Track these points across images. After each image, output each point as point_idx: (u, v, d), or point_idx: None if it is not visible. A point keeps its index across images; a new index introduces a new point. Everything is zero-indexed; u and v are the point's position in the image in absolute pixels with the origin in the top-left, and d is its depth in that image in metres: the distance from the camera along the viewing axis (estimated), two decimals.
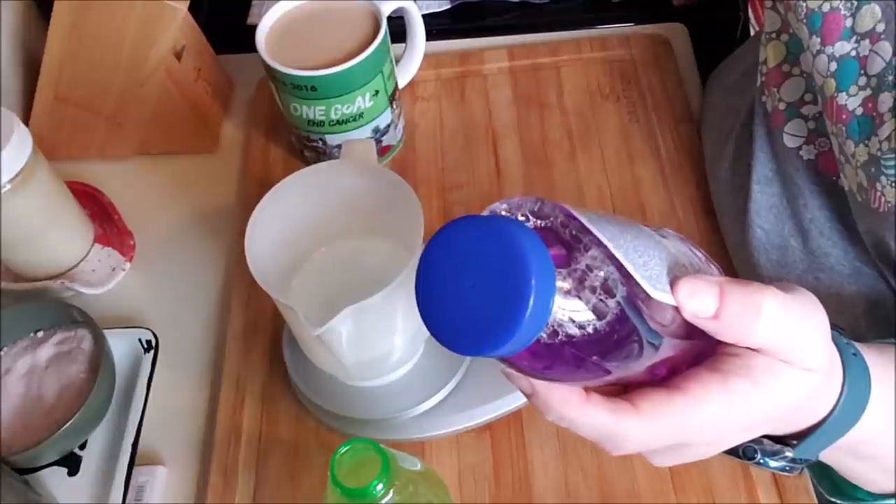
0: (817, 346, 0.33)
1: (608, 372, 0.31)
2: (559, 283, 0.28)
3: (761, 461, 0.38)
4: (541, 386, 0.33)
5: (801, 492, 0.52)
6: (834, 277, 0.54)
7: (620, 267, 0.30)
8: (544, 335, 0.29)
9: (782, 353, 0.33)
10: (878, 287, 0.53)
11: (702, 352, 0.34)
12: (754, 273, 0.58)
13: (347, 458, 0.41)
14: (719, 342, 0.33)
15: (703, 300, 0.31)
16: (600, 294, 0.30)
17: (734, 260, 0.62)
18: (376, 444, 0.41)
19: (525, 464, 0.55)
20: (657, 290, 0.30)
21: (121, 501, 0.54)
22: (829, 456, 0.38)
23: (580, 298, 0.29)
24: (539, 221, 0.31)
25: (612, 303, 0.30)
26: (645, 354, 0.31)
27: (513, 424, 0.56)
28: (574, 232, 0.30)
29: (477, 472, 0.55)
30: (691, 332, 0.33)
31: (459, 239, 0.29)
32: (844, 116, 0.46)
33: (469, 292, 0.28)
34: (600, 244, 0.30)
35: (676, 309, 0.31)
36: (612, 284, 0.30)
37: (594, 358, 0.30)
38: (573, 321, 0.29)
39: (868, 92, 0.45)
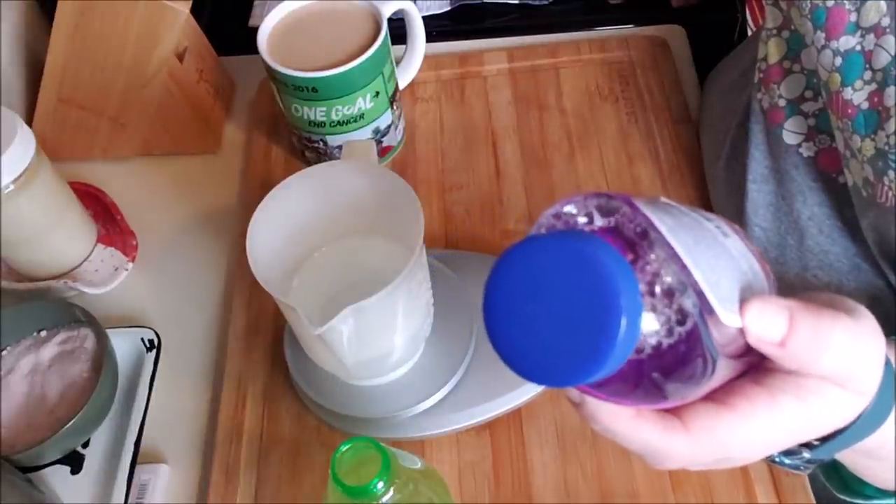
0: (874, 374, 0.32)
1: (664, 397, 0.30)
2: None
3: (776, 459, 0.37)
4: (590, 396, 0.32)
5: (799, 490, 0.53)
6: (832, 274, 0.54)
7: (691, 276, 0.27)
8: None
9: (840, 380, 0.32)
10: (878, 284, 0.53)
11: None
12: None
13: (348, 457, 0.41)
14: (763, 357, 0.32)
15: (771, 325, 0.30)
16: (671, 303, 0.27)
17: None
18: (377, 443, 0.41)
19: (524, 462, 0.55)
20: (727, 312, 0.28)
21: (123, 500, 0.55)
22: (844, 455, 0.38)
23: (653, 310, 0.27)
24: (606, 220, 0.29)
25: (685, 314, 0.27)
26: (706, 373, 0.29)
27: (512, 423, 0.57)
28: (640, 230, 0.28)
29: (477, 471, 0.55)
30: (747, 350, 0.31)
31: (529, 261, 0.26)
32: (850, 111, 0.46)
33: (546, 319, 0.26)
34: (670, 248, 0.27)
35: (740, 329, 0.30)
36: (684, 295, 0.27)
37: (654, 375, 0.28)
38: (644, 334, 0.27)
39: (874, 86, 0.45)
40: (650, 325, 0.28)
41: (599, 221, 0.29)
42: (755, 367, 0.33)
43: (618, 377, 0.28)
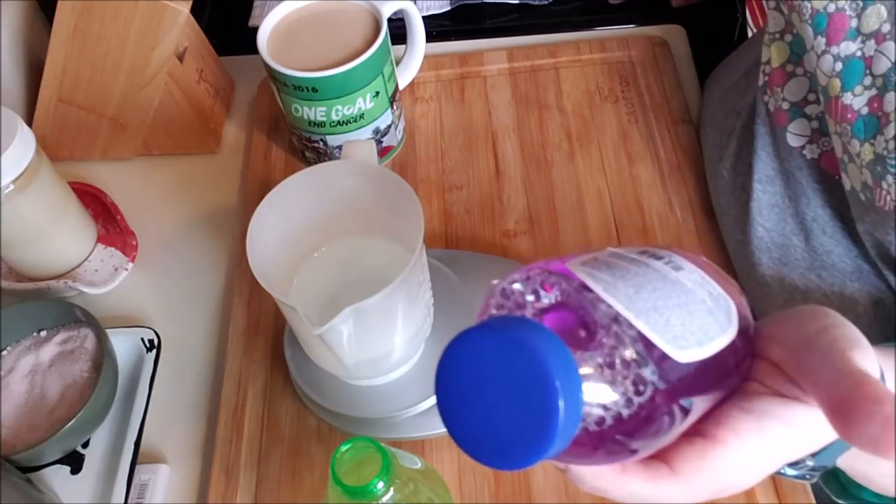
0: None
1: (633, 451, 0.30)
2: (583, 371, 0.28)
3: (781, 471, 0.37)
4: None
5: (799, 492, 0.53)
6: (836, 275, 0.54)
7: (642, 335, 0.28)
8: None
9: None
10: (880, 285, 0.53)
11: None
12: (755, 272, 0.58)
13: (348, 457, 0.41)
14: (745, 378, 0.32)
15: None
16: (626, 372, 0.28)
17: (734, 260, 0.62)
18: (377, 443, 0.41)
19: None
20: (683, 351, 0.29)
21: (123, 500, 0.55)
22: (842, 459, 0.38)
23: (607, 382, 0.28)
24: (551, 296, 0.30)
25: (640, 378, 0.28)
26: (674, 424, 0.30)
27: None
28: (589, 301, 0.29)
29: (477, 471, 0.55)
30: (719, 379, 0.31)
31: (473, 351, 0.28)
32: (850, 116, 0.46)
33: (494, 406, 0.27)
34: (611, 307, 0.29)
35: (702, 361, 0.30)
36: (637, 358, 0.28)
37: (619, 437, 0.29)
38: (600, 406, 0.28)
39: (873, 92, 0.45)
40: (607, 396, 0.28)
41: (546, 298, 0.30)
42: (737, 390, 0.33)
43: (580, 445, 0.29)
